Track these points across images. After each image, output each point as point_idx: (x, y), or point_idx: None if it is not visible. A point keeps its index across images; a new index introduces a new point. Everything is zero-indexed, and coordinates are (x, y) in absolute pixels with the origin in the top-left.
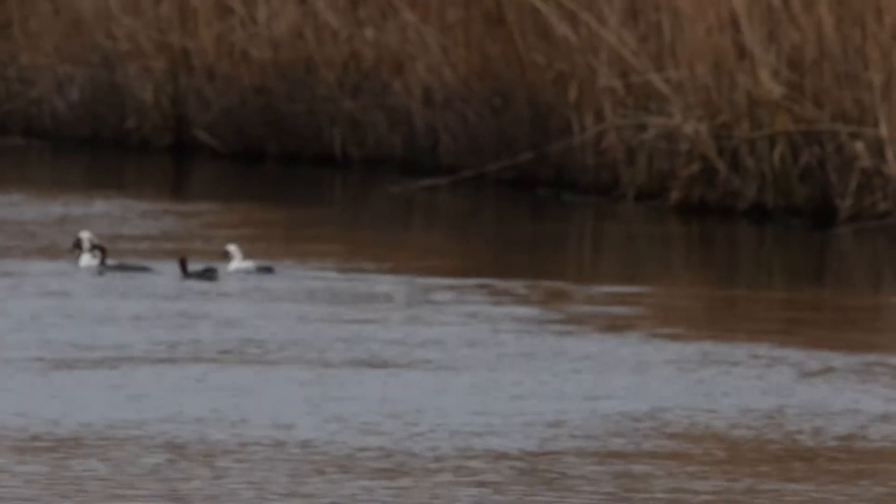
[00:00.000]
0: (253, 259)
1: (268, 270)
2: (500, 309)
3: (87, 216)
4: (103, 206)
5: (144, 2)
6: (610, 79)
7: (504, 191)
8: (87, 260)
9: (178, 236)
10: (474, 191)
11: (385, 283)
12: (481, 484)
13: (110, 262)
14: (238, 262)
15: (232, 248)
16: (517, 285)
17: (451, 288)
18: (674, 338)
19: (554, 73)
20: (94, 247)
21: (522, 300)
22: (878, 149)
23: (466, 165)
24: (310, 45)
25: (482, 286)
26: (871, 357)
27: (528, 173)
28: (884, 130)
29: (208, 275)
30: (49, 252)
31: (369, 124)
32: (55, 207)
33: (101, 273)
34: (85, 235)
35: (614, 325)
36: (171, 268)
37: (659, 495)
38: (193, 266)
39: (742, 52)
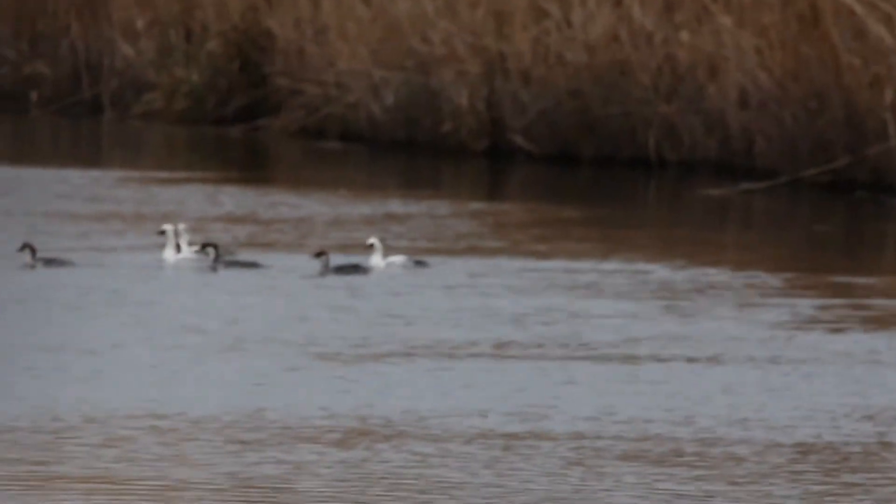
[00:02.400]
0: (405, 254)
1: (422, 265)
2: (814, 305)
3: (403, 216)
4: (419, 208)
5: (460, 6)
6: None
7: (820, 194)
8: (169, 253)
9: (491, 236)
10: (790, 194)
11: (707, 278)
12: (791, 473)
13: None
14: (380, 257)
15: (374, 240)
16: (831, 282)
17: (762, 285)
18: None
19: (870, 76)
20: (205, 245)
21: (836, 296)
22: None
23: (781, 168)
24: (625, 48)
25: (796, 283)
26: None
27: (844, 176)
28: None
29: (357, 270)
30: (355, 250)
31: (684, 127)
32: (370, 208)
33: (214, 269)
34: (169, 228)
35: None
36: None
37: None
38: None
39: None
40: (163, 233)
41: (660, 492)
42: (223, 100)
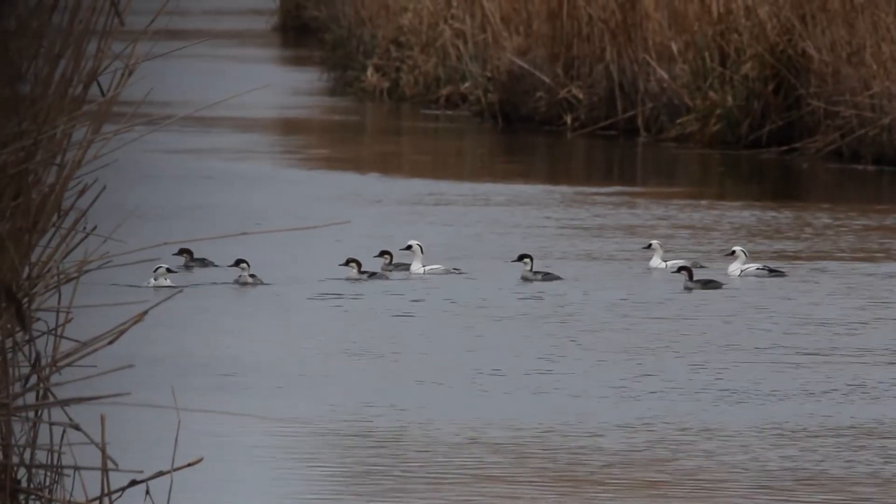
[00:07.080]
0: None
1: (777, 273)
2: None
3: None
4: None
5: None
6: None
7: None
8: (416, 266)
9: None
10: None
11: None
12: None
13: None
14: (740, 264)
15: (738, 249)
16: None
17: None
18: None
19: None
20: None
21: None
22: None
23: None
24: None
25: None
26: None
27: None
28: None
29: (711, 284)
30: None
31: None
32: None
33: (528, 280)
34: (415, 244)
35: None
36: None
37: None
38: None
39: None
40: None
41: None
42: (757, 123)
